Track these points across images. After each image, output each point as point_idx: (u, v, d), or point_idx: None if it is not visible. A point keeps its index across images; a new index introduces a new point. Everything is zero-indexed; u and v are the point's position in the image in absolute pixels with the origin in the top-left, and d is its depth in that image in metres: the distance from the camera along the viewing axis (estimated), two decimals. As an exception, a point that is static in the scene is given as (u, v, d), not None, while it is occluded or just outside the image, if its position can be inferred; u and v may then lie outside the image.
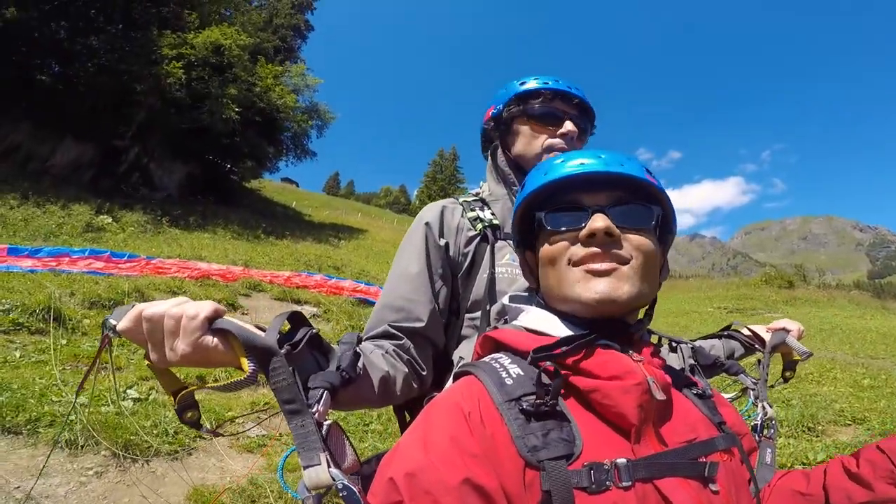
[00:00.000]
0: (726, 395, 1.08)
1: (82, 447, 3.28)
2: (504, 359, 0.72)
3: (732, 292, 25.02)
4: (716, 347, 1.40)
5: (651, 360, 0.72)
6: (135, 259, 11.11)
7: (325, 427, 0.66)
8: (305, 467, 0.61)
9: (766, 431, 0.96)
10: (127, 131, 19.90)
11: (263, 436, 4.09)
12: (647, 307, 0.81)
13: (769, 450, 0.85)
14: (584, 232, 0.73)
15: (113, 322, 0.71)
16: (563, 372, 0.67)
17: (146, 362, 0.73)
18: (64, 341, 5.22)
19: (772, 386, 1.29)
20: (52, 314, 5.41)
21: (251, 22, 25.76)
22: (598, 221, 0.72)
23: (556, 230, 0.76)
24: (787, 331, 1.33)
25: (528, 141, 1.23)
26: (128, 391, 4.18)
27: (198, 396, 0.75)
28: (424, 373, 1.11)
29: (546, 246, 0.77)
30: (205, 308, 0.70)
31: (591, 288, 0.71)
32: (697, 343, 1.33)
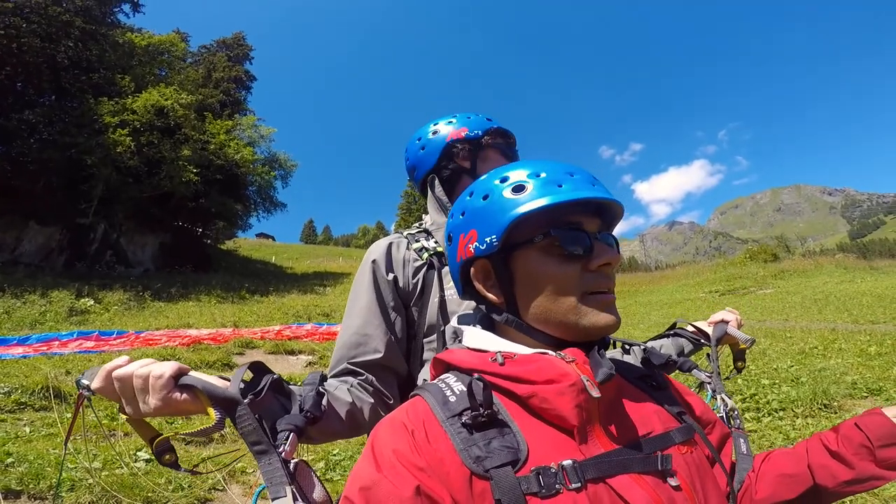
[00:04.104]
0: None
1: (106, 507, 3.43)
2: (450, 378, 0.74)
3: (720, 274, 25.18)
4: (666, 346, 1.42)
5: (587, 361, 0.70)
6: (124, 335, 11.09)
7: (292, 465, 0.72)
8: (273, 499, 0.66)
9: (732, 423, 0.96)
10: (88, 208, 19.57)
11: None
12: None
13: (742, 439, 0.86)
14: (600, 263, 0.73)
15: (86, 382, 0.79)
16: (503, 382, 0.69)
17: (122, 415, 0.79)
18: (69, 414, 5.35)
19: (727, 378, 1.32)
20: (51, 392, 5.64)
21: (189, 79, 25.79)
22: (613, 254, 0.74)
23: (570, 254, 0.73)
24: (725, 322, 1.35)
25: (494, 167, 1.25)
26: (138, 454, 4.33)
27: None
28: (391, 401, 1.16)
29: (549, 267, 0.73)
30: (169, 368, 0.77)
31: (603, 317, 0.72)
32: (649, 344, 1.35)
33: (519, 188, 0.74)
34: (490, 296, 0.78)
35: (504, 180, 0.76)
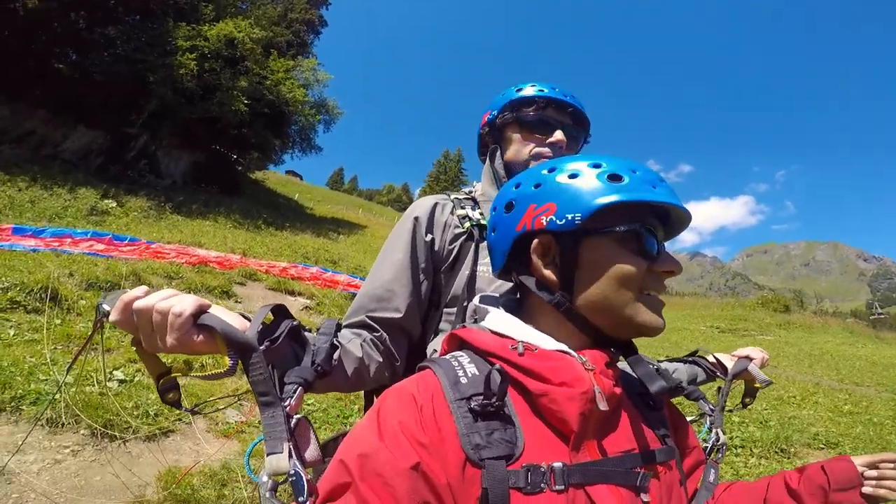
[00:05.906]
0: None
1: (63, 425, 3.31)
2: (464, 358, 0.74)
3: (727, 312, 24.83)
4: (679, 371, 1.40)
5: (604, 371, 0.72)
6: (135, 243, 11.25)
7: (294, 420, 0.69)
8: (268, 454, 0.64)
9: (714, 455, 0.98)
10: (138, 120, 20.06)
11: (242, 422, 4.08)
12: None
13: (713, 470, 0.87)
14: (665, 268, 0.76)
15: (107, 307, 0.76)
16: (517, 375, 0.70)
17: (133, 347, 0.79)
18: (58, 321, 5.26)
19: (730, 411, 1.31)
20: (48, 294, 5.46)
21: (266, 16, 25.80)
22: (678, 264, 0.76)
23: (645, 251, 0.74)
24: (750, 359, 1.33)
25: (518, 148, 1.27)
26: (114, 372, 4.22)
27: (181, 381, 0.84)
28: (398, 363, 1.15)
29: (620, 258, 0.73)
30: (189, 306, 0.74)
31: (655, 318, 0.74)
32: (663, 365, 1.36)
33: (615, 178, 0.74)
34: (547, 273, 0.76)
35: (597, 166, 0.76)
